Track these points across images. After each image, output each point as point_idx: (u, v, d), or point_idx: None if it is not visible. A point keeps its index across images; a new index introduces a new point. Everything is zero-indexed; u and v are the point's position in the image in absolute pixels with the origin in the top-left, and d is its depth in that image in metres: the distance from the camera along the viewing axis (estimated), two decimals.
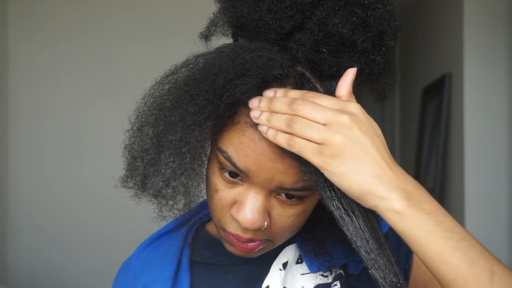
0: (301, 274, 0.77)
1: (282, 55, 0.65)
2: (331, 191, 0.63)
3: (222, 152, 0.67)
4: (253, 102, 0.65)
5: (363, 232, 0.63)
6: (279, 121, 0.63)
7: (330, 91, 0.66)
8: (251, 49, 0.65)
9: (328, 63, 0.65)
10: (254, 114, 0.64)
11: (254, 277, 0.79)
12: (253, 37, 0.68)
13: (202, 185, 0.71)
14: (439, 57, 3.00)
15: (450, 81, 2.75)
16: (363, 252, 0.63)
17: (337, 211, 0.63)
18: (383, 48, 0.68)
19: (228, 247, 0.74)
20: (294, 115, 0.63)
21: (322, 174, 0.62)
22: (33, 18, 2.66)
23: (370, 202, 0.61)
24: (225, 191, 0.70)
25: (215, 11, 0.72)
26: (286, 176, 0.65)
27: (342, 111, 0.62)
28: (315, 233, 0.77)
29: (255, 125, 0.65)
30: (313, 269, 0.77)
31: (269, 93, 0.65)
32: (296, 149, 0.62)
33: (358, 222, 0.63)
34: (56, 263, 2.62)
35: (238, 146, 0.66)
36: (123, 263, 0.89)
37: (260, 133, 0.64)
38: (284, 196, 0.68)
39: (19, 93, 2.64)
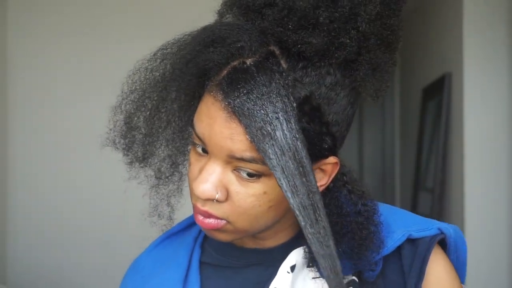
0: (312, 278, 0.76)
1: (253, 31, 0.67)
2: (275, 155, 0.64)
3: (192, 125, 0.70)
4: None
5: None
6: None
7: (295, 70, 0.66)
8: (223, 25, 0.68)
9: (291, 38, 0.66)
10: None
11: (262, 280, 0.78)
12: (240, 18, 0.71)
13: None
14: (439, 57, 2.99)
15: (450, 81, 2.75)
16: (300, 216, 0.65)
17: (276, 174, 0.65)
18: (353, 31, 0.67)
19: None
20: None
21: (264, 140, 0.63)
22: (33, 18, 2.66)
23: None
24: (194, 164, 0.71)
25: (221, 3, 0.74)
26: (233, 142, 0.66)
27: None
28: None
29: (211, 91, 0.67)
30: (321, 272, 0.75)
31: None
32: None
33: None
34: (55, 263, 2.61)
35: (198, 113, 0.69)
36: (132, 263, 0.88)
37: (213, 97, 0.66)
38: (243, 173, 0.68)
39: (18, 93, 2.63)
